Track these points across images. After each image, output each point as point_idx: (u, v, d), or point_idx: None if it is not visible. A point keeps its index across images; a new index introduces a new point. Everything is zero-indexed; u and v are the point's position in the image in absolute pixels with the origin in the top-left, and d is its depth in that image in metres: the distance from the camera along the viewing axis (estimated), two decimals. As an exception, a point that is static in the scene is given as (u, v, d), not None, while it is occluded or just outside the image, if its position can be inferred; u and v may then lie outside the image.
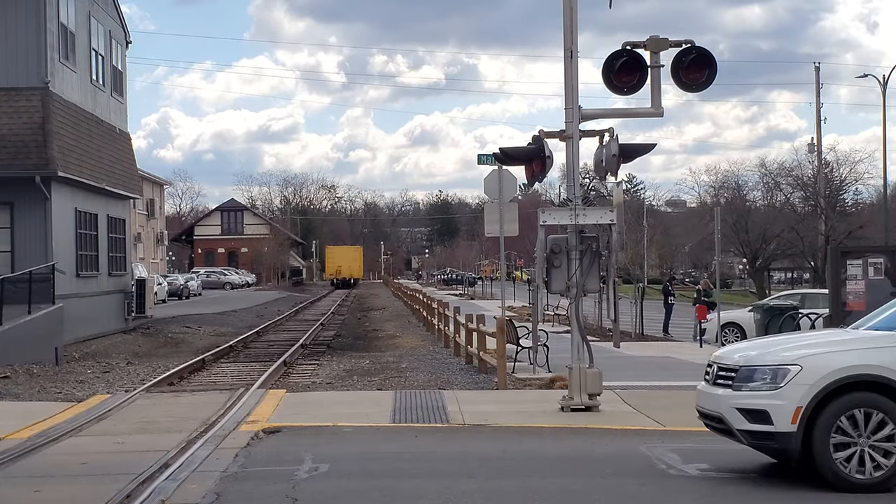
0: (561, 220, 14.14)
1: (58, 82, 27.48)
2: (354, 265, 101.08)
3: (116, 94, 34.07)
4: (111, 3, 34.00)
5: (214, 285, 78.69)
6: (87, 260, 30.33)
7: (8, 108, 26.48)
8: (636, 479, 9.51)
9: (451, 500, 8.76)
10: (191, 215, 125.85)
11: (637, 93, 14.34)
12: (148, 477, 9.53)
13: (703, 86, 14.21)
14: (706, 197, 67.51)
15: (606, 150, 14.10)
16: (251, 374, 21.19)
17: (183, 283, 65.23)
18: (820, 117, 53.85)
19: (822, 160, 53.82)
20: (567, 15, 14.15)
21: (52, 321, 24.97)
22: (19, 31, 26.66)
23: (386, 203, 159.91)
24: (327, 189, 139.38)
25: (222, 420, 13.09)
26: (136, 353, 26.98)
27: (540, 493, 9.04)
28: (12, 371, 19.98)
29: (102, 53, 32.38)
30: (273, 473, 9.69)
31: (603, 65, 14.01)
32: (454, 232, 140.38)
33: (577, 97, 14.11)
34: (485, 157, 24.40)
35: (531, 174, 14.80)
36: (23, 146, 26.41)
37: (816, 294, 29.22)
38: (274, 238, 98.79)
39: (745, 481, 9.41)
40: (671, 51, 14.04)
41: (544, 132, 14.40)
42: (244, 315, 45.87)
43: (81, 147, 29.19)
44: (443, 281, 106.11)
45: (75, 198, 29.02)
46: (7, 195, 26.37)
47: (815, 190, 53.10)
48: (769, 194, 60.43)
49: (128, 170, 34.94)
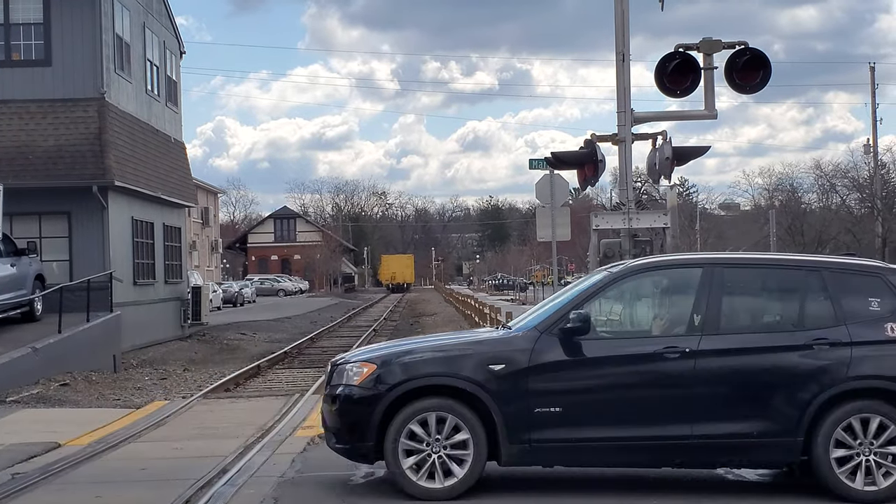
0: (614, 224, 14.08)
1: (114, 93, 27.89)
2: (407, 271, 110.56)
3: (171, 103, 34.49)
4: (165, 15, 34.45)
5: (268, 292, 79.31)
6: (144, 268, 30.72)
7: (65, 118, 26.92)
8: (693, 483, 9.42)
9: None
10: (244, 223, 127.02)
11: (690, 95, 14.25)
12: (206, 482, 9.62)
13: (757, 87, 14.07)
14: (760, 200, 66.88)
15: (659, 153, 14.02)
16: (306, 380, 21.32)
17: (237, 290, 65.81)
18: (876, 118, 53.12)
19: (878, 161, 53.06)
20: (619, 18, 14.10)
21: (110, 329, 25.31)
22: (76, 43, 27.11)
23: (437, 209, 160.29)
24: (378, 196, 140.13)
25: (278, 426, 13.17)
26: (193, 360, 27.27)
27: (599, 493, 8.98)
28: (72, 378, 20.29)
29: (157, 64, 32.81)
30: (329, 478, 9.73)
31: (655, 67, 13.92)
32: (505, 237, 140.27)
33: (630, 100, 14.06)
34: (536, 161, 24.34)
35: (583, 178, 14.74)
36: (80, 156, 26.83)
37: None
38: (326, 245, 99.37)
39: (801, 488, 9.29)
40: (724, 53, 13.91)
41: (596, 136, 14.35)
42: (298, 321, 46.15)
43: (137, 157, 29.59)
44: (494, 286, 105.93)
45: (132, 207, 29.41)
46: (65, 205, 26.80)
47: (871, 191, 52.33)
48: (825, 196, 59.73)
49: (183, 179, 35.35)
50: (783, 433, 8.57)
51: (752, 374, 8.67)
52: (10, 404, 16.78)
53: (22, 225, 25.84)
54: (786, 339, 8.80)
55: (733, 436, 8.59)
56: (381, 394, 8.71)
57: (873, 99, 53.36)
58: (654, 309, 9.49)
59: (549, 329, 8.81)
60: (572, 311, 8.78)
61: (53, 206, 26.70)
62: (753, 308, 9.28)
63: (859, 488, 8.52)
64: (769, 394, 8.62)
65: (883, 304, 8.86)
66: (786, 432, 8.57)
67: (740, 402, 8.63)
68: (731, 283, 9.06)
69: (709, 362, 8.67)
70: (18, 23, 27.16)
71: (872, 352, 8.70)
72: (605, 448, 8.69)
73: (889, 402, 8.61)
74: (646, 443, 8.65)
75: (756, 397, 8.62)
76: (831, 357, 8.65)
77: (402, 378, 8.74)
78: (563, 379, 8.73)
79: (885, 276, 9.02)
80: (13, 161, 26.33)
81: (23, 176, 26.01)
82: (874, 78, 53.74)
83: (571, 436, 8.64)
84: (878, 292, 8.91)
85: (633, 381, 8.74)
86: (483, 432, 8.63)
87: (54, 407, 16.64)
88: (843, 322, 8.77)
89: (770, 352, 8.73)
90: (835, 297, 8.88)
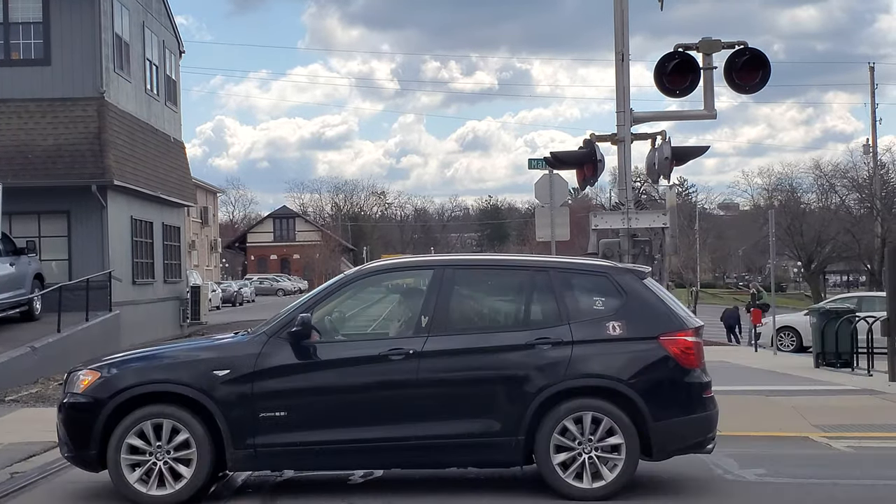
0: (613, 224, 14.08)
1: (113, 92, 27.90)
2: None
3: (170, 103, 34.50)
4: (165, 14, 34.46)
5: (267, 292, 79.36)
6: (143, 267, 30.73)
7: (65, 118, 26.92)
8: (692, 484, 9.43)
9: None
10: (243, 222, 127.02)
11: (689, 95, 14.26)
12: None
13: (756, 87, 14.07)
14: (759, 200, 66.94)
15: (658, 153, 14.02)
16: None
17: (236, 289, 65.82)
18: (875, 118, 53.28)
19: (877, 161, 53.12)
20: (618, 18, 14.10)
21: (109, 328, 25.31)
22: (75, 42, 27.12)
23: (436, 209, 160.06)
24: (378, 195, 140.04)
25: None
26: (191, 359, 27.24)
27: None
28: (71, 377, 20.22)
29: (156, 63, 32.81)
30: (328, 478, 9.73)
31: (655, 67, 13.93)
32: (504, 237, 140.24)
33: (629, 100, 14.06)
34: (536, 161, 24.34)
35: (582, 178, 14.74)
36: (79, 155, 26.84)
37: (874, 297, 28.80)
38: (325, 244, 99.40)
39: (802, 487, 9.30)
40: (724, 52, 13.91)
41: (595, 136, 14.34)
42: (297, 321, 46.01)
43: (137, 156, 29.59)
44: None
45: (131, 206, 29.42)
46: (64, 204, 26.82)
47: (870, 191, 52.40)
48: (824, 196, 59.81)
49: (182, 178, 35.35)
50: (505, 433, 8.60)
51: (476, 374, 8.72)
52: (9, 403, 16.78)
53: (21, 224, 25.83)
54: (510, 338, 8.82)
55: (459, 436, 8.61)
56: (102, 401, 8.62)
57: (873, 99, 53.46)
58: (385, 311, 9.59)
59: (278, 333, 8.77)
60: (300, 314, 8.76)
61: (53, 205, 26.72)
62: (482, 309, 9.37)
63: (586, 486, 8.57)
64: (492, 394, 8.66)
65: (608, 303, 8.93)
66: (508, 432, 8.60)
67: (465, 403, 8.67)
68: (461, 284, 9.11)
69: (434, 363, 8.70)
70: (18, 22, 27.18)
71: (592, 350, 8.74)
72: (333, 451, 8.67)
73: (607, 399, 8.66)
74: (373, 444, 8.65)
75: (480, 397, 8.66)
76: (552, 356, 8.69)
77: (124, 386, 8.65)
78: (289, 383, 8.66)
79: (613, 276, 9.06)
80: (12, 160, 26.34)
81: (22, 175, 26.03)
82: (874, 78, 53.88)
83: (298, 440, 8.60)
84: (604, 292, 8.97)
85: (360, 383, 8.72)
86: (208, 438, 8.55)
87: (53, 406, 16.61)
88: (566, 321, 8.82)
89: (494, 352, 8.77)
90: (560, 297, 8.93)
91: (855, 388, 17.55)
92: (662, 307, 8.99)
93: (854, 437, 12.15)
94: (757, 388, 17.30)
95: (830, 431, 12.46)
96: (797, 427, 12.87)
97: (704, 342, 9.48)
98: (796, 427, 12.87)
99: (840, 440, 11.88)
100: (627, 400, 8.63)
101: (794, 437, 12.17)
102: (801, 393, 16.70)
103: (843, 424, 13.03)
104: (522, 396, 8.62)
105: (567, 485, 8.59)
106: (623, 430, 8.59)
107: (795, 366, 22.61)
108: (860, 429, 12.75)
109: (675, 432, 8.74)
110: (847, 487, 9.33)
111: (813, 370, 21.49)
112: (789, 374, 20.71)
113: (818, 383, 18.62)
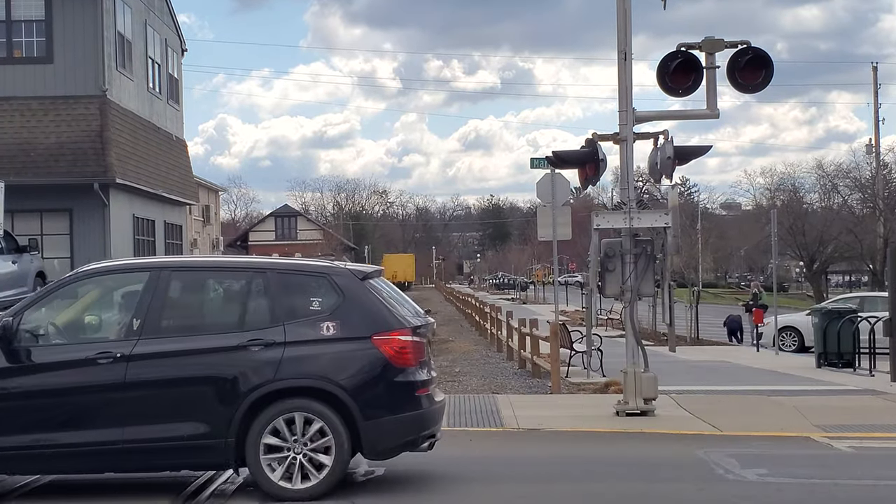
0: (615, 223, 14.05)
1: (115, 90, 27.90)
2: (408, 270, 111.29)
3: (172, 101, 34.51)
4: (167, 12, 34.47)
5: (269, 290, 79.24)
6: (145, 265, 30.69)
7: (67, 116, 26.93)
8: (693, 484, 9.43)
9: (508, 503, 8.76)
10: (245, 221, 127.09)
11: (692, 94, 14.22)
12: (208, 479, 9.63)
13: (759, 87, 14.05)
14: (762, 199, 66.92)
15: (661, 152, 13.99)
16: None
17: (238, 288, 65.70)
18: (878, 118, 53.30)
19: (880, 161, 53.09)
20: (621, 17, 14.07)
21: (110, 326, 25.27)
22: (77, 40, 27.11)
23: (438, 208, 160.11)
24: (379, 194, 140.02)
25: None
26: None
27: (597, 497, 9.00)
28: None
29: (159, 61, 32.82)
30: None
31: (657, 66, 13.91)
32: (506, 236, 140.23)
33: (631, 99, 14.03)
34: (538, 160, 24.35)
35: (584, 177, 14.72)
36: (81, 153, 26.84)
37: (876, 297, 28.78)
38: (327, 243, 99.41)
39: (803, 487, 9.29)
40: (727, 52, 13.88)
41: (598, 135, 14.32)
42: (298, 320, 46.05)
43: (139, 154, 29.60)
44: (494, 285, 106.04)
45: (133, 204, 29.43)
46: (66, 202, 26.81)
47: (873, 191, 52.34)
48: (826, 196, 59.78)
49: (184, 176, 35.37)
50: (216, 435, 8.60)
51: (185, 376, 8.71)
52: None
53: (23, 222, 25.82)
54: (222, 340, 8.81)
55: (169, 439, 8.62)
56: None
57: (876, 99, 53.45)
58: (99, 314, 9.47)
59: None
60: (4, 318, 8.75)
61: (55, 203, 26.71)
62: (197, 311, 9.36)
63: (294, 487, 8.57)
64: (202, 396, 8.66)
65: (324, 303, 8.93)
66: (218, 434, 8.59)
67: (174, 406, 8.66)
68: (178, 286, 9.11)
69: (142, 366, 8.69)
70: (20, 20, 27.17)
71: (305, 351, 8.76)
72: (39, 456, 8.67)
73: (318, 399, 8.66)
74: (81, 449, 8.64)
75: (189, 400, 8.66)
76: (263, 357, 8.70)
77: None
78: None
79: (332, 277, 9.05)
80: (15, 158, 26.34)
81: (24, 173, 26.02)
82: (877, 78, 53.86)
83: (7, 444, 8.59)
84: (322, 292, 8.98)
85: (69, 386, 8.71)
86: None
87: None
88: (281, 322, 8.81)
89: (205, 354, 8.77)
90: (276, 299, 8.93)
91: (856, 389, 17.54)
92: (380, 307, 8.97)
93: (855, 437, 12.15)
94: (758, 388, 17.30)
95: (832, 432, 12.45)
96: (799, 427, 12.87)
97: (706, 342, 9.50)
98: (798, 427, 12.87)
99: (841, 440, 11.87)
100: (338, 400, 8.64)
101: (795, 438, 12.17)
102: (803, 393, 16.70)
103: (845, 425, 13.02)
104: (232, 398, 8.60)
105: (275, 485, 8.57)
106: (333, 430, 8.60)
107: (797, 366, 22.61)
108: (862, 429, 12.75)
109: (385, 431, 8.75)
110: (848, 488, 9.32)
111: (815, 370, 21.49)
112: (791, 374, 20.71)
113: (820, 383, 18.62)
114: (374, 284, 9.25)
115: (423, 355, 9.10)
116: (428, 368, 9.20)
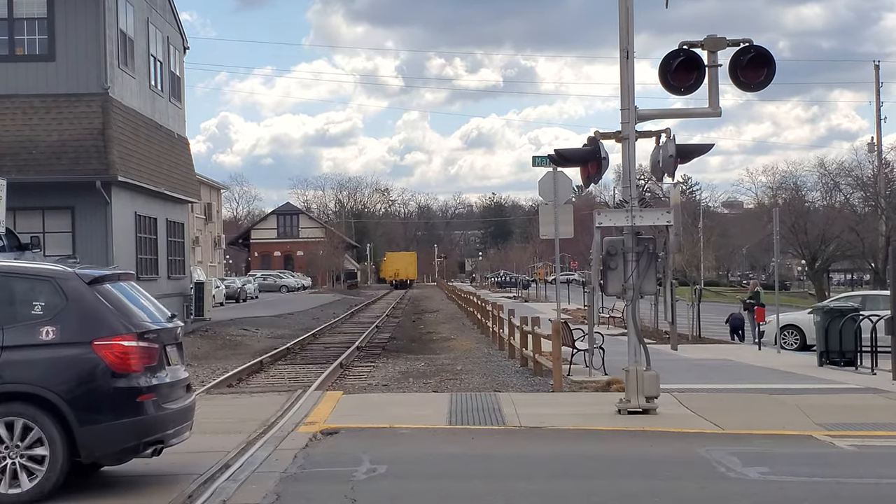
0: (617, 221, 14.04)
1: (117, 88, 27.91)
2: (410, 268, 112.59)
3: (174, 99, 34.51)
4: (169, 10, 34.47)
5: (270, 288, 79.37)
6: (147, 263, 30.74)
7: (69, 113, 26.94)
8: (695, 482, 9.43)
9: (509, 501, 8.76)
10: (247, 219, 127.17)
11: (694, 93, 14.20)
12: (209, 477, 9.63)
13: (761, 85, 14.03)
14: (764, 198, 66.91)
15: (663, 150, 13.99)
16: (308, 376, 21.34)
17: (240, 286, 65.88)
18: (880, 116, 53.28)
19: (882, 159, 53.08)
20: (623, 15, 14.07)
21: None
22: (79, 38, 27.12)
23: (439, 206, 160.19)
24: (381, 192, 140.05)
25: (281, 421, 13.19)
26: (195, 356, 27.26)
27: (598, 494, 9.00)
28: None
29: (161, 59, 32.82)
30: (332, 474, 9.75)
31: (660, 65, 13.90)
32: (507, 234, 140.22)
33: (634, 98, 14.02)
34: (540, 158, 24.33)
35: (586, 176, 14.72)
36: (83, 151, 26.85)
37: (878, 295, 28.73)
38: (329, 241, 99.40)
39: (805, 485, 9.29)
40: (729, 50, 13.87)
41: (600, 133, 14.32)
42: (300, 318, 46.18)
43: (140, 152, 29.61)
44: (496, 283, 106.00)
45: (135, 202, 29.44)
46: (68, 200, 26.83)
47: (875, 190, 52.33)
48: (828, 195, 59.78)
49: (186, 174, 35.37)
50: None
51: None
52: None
53: (25, 220, 25.84)
54: None
55: None
56: None
57: (878, 97, 53.42)
58: None
59: None
60: None
61: (57, 201, 26.72)
62: None
63: (8, 493, 8.52)
64: None
65: (47, 307, 8.83)
66: None
67: None
68: None
69: None
70: (22, 18, 27.19)
71: (22, 356, 8.68)
72: None
73: (34, 405, 8.59)
74: None
75: None
76: None
77: None
78: None
79: (58, 281, 8.93)
80: (17, 156, 26.35)
81: (26, 171, 26.04)
82: (879, 76, 53.88)
83: None
84: (46, 296, 8.86)
85: None
86: None
87: None
88: (0, 326, 8.72)
89: None
90: None
91: (858, 387, 17.53)
92: (104, 312, 8.87)
93: (857, 435, 12.15)
94: (760, 387, 17.29)
95: (834, 430, 12.45)
96: (800, 425, 12.87)
97: (709, 340, 9.49)
98: (800, 425, 12.87)
99: (843, 439, 11.87)
100: (53, 406, 8.59)
101: (797, 436, 12.17)
102: (805, 391, 16.69)
103: (847, 423, 13.01)
104: None
105: None
106: (48, 435, 8.56)
107: (799, 364, 22.60)
108: (863, 427, 12.74)
109: (103, 437, 8.70)
110: (850, 486, 9.32)
111: (816, 369, 21.47)
112: (793, 372, 20.70)
113: (822, 382, 18.61)
114: (108, 288, 9.13)
115: (152, 360, 8.99)
116: (164, 373, 9.10)
